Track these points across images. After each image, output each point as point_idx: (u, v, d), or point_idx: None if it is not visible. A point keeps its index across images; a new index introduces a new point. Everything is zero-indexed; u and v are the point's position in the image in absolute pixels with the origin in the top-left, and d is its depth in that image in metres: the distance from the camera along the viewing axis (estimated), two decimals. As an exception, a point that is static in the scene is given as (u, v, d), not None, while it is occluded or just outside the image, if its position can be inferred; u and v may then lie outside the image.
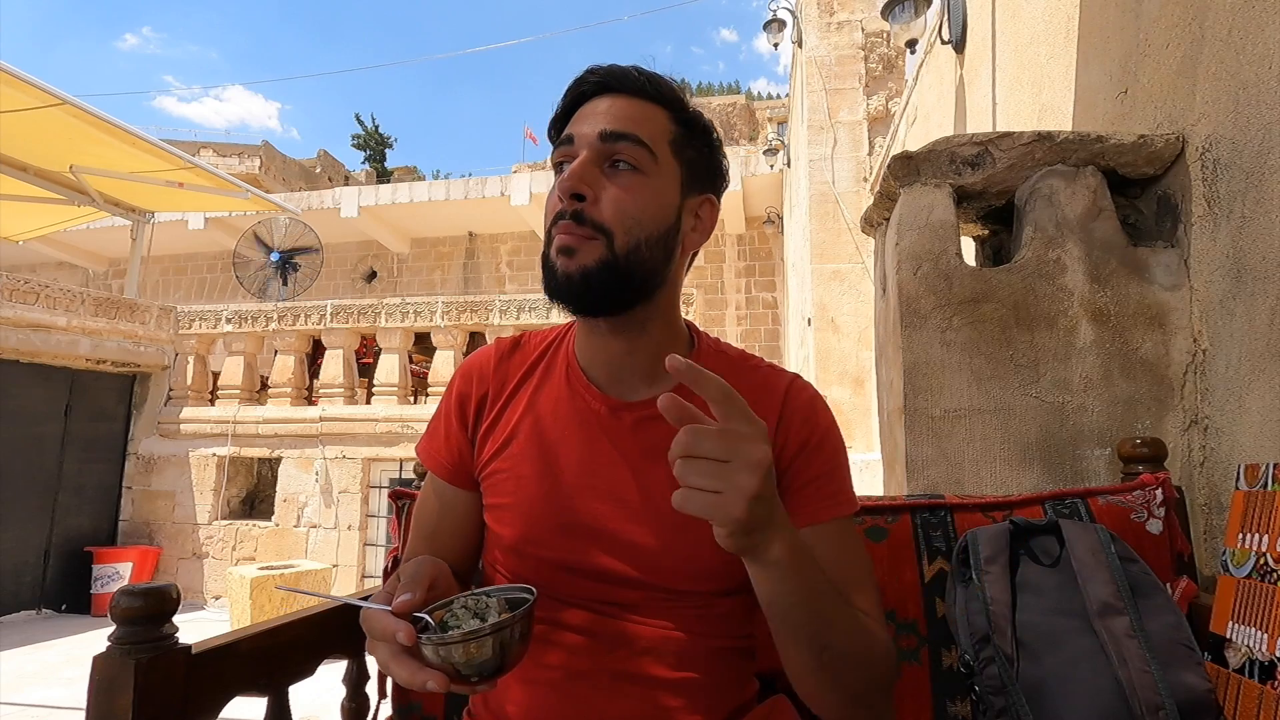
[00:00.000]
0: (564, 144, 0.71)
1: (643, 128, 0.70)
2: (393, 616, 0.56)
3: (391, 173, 23.93)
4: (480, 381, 0.79)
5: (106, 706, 0.64)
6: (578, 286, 0.67)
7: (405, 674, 0.54)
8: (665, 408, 0.51)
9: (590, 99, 0.72)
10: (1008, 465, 1.35)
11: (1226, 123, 1.21)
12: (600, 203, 0.68)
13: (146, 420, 6.72)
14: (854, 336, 5.83)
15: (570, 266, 0.67)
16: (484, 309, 6.31)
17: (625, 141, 0.69)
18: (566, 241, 0.67)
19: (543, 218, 0.75)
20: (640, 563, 0.69)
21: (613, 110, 0.70)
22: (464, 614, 0.58)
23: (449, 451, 0.78)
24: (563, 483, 0.72)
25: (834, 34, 6.60)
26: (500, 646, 0.55)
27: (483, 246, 11.97)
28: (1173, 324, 1.32)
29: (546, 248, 0.71)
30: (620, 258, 0.67)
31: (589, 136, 0.69)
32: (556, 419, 0.75)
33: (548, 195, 0.73)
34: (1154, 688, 0.78)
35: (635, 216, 0.68)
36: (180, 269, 12.55)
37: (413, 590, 0.58)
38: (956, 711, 0.90)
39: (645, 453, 0.72)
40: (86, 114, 5.29)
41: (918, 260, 1.42)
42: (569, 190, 0.67)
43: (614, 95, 0.71)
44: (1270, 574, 0.79)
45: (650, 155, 0.69)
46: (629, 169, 0.69)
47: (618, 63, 0.74)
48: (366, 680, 1.00)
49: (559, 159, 0.72)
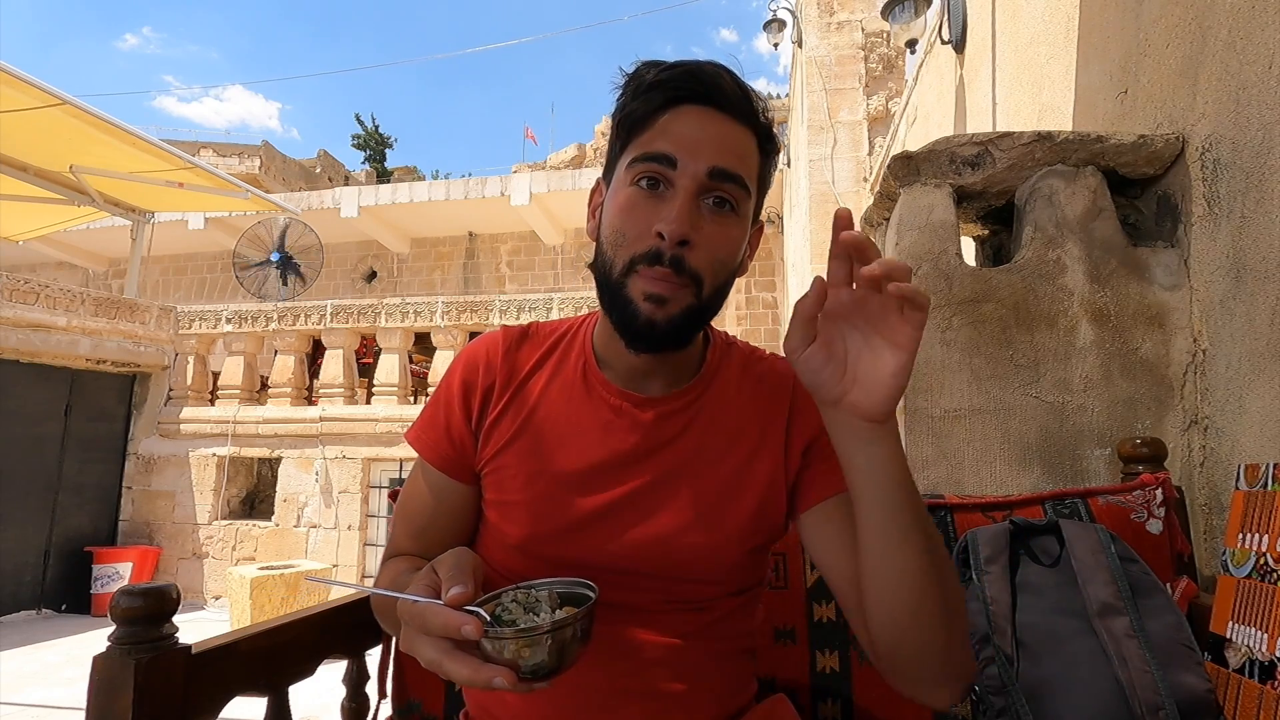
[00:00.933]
0: (658, 161, 0.64)
1: (745, 165, 0.66)
2: (451, 610, 0.52)
3: (391, 173, 23.93)
4: (487, 371, 0.75)
5: (106, 706, 0.64)
6: (661, 335, 0.65)
7: (466, 671, 0.50)
8: (849, 242, 0.50)
9: (681, 104, 0.66)
10: (1008, 465, 1.35)
11: (1227, 123, 1.21)
12: (698, 247, 0.64)
13: (146, 420, 6.72)
14: (854, 336, 5.82)
15: (658, 315, 0.64)
16: (484, 309, 6.30)
17: (732, 183, 0.65)
18: (660, 290, 0.64)
19: (591, 221, 0.72)
20: (656, 560, 0.68)
21: (720, 139, 0.65)
22: (516, 608, 0.55)
23: (450, 443, 0.74)
24: (576, 480, 0.70)
25: (834, 34, 6.60)
26: (561, 645, 0.52)
27: (483, 246, 11.96)
28: (1173, 324, 1.32)
29: (622, 278, 0.65)
30: (704, 302, 0.66)
31: (696, 171, 0.64)
32: (570, 414, 0.72)
33: (618, 203, 0.67)
34: (1154, 688, 0.78)
35: (724, 262, 0.66)
36: (180, 269, 12.54)
37: (463, 582, 0.54)
38: (957, 711, 0.90)
39: (663, 445, 0.71)
40: (86, 114, 5.29)
41: (918, 260, 1.42)
42: (680, 236, 0.62)
43: (713, 111, 0.65)
44: (1270, 574, 0.79)
45: (747, 195, 0.67)
46: (730, 211, 0.66)
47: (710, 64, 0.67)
48: (366, 680, 1.00)
49: (647, 174, 0.65)
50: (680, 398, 0.72)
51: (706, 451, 0.71)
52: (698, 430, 0.72)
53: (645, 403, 0.72)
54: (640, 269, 0.64)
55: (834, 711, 0.92)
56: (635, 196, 0.65)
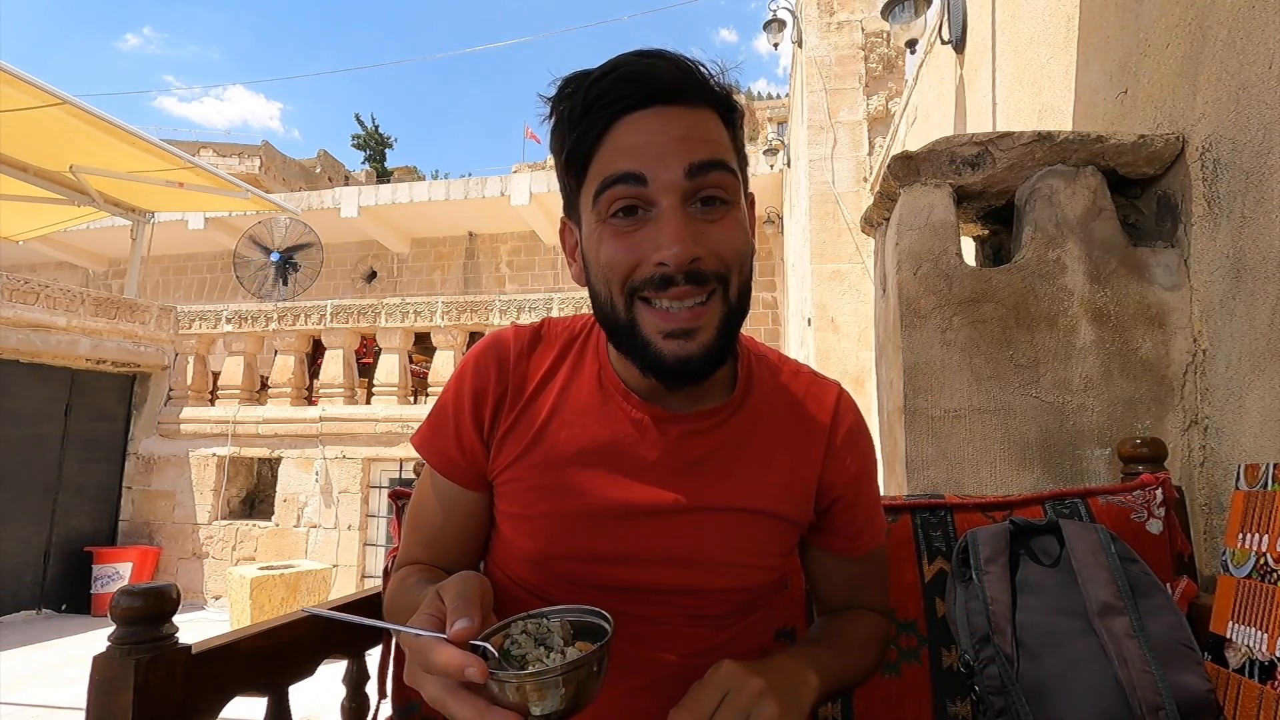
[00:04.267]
0: (625, 182, 0.57)
1: (720, 147, 0.59)
2: (454, 647, 0.48)
3: (391, 173, 23.92)
4: (499, 378, 0.70)
5: (106, 706, 0.64)
6: (695, 367, 0.59)
7: (471, 714, 0.46)
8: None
9: (627, 114, 0.58)
10: (1008, 465, 1.35)
11: (1226, 123, 1.21)
12: (708, 257, 0.58)
13: (146, 420, 6.72)
14: (854, 336, 5.83)
15: (689, 350, 0.58)
16: (484, 309, 6.31)
17: (715, 172, 0.58)
18: (684, 322, 0.58)
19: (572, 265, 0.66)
20: (675, 580, 0.66)
21: (683, 133, 0.57)
22: (526, 640, 0.51)
23: (461, 451, 0.69)
24: (594, 494, 0.66)
25: (834, 34, 6.60)
26: (576, 685, 0.47)
27: (483, 246, 11.96)
28: (1173, 324, 1.32)
29: (629, 314, 0.59)
30: (734, 306, 0.60)
31: (672, 178, 0.57)
32: (588, 426, 0.67)
33: (599, 246, 0.59)
34: (1154, 688, 0.78)
35: (744, 251, 0.60)
36: (180, 269, 12.54)
37: (469, 615, 0.50)
38: (956, 711, 0.90)
39: (687, 465, 0.67)
40: (87, 114, 5.29)
41: (918, 260, 1.42)
42: (686, 257, 0.56)
43: (661, 108, 0.58)
44: (1270, 574, 0.79)
45: (734, 177, 0.60)
46: (723, 204, 0.59)
47: (644, 53, 0.59)
48: (366, 680, 1.00)
49: (620, 203, 0.58)
50: (709, 417, 0.68)
51: (733, 476, 0.67)
52: (725, 453, 0.68)
53: (670, 419, 0.67)
54: (648, 294, 0.58)
55: (833, 711, 0.92)
56: (614, 232, 0.59)
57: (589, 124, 0.59)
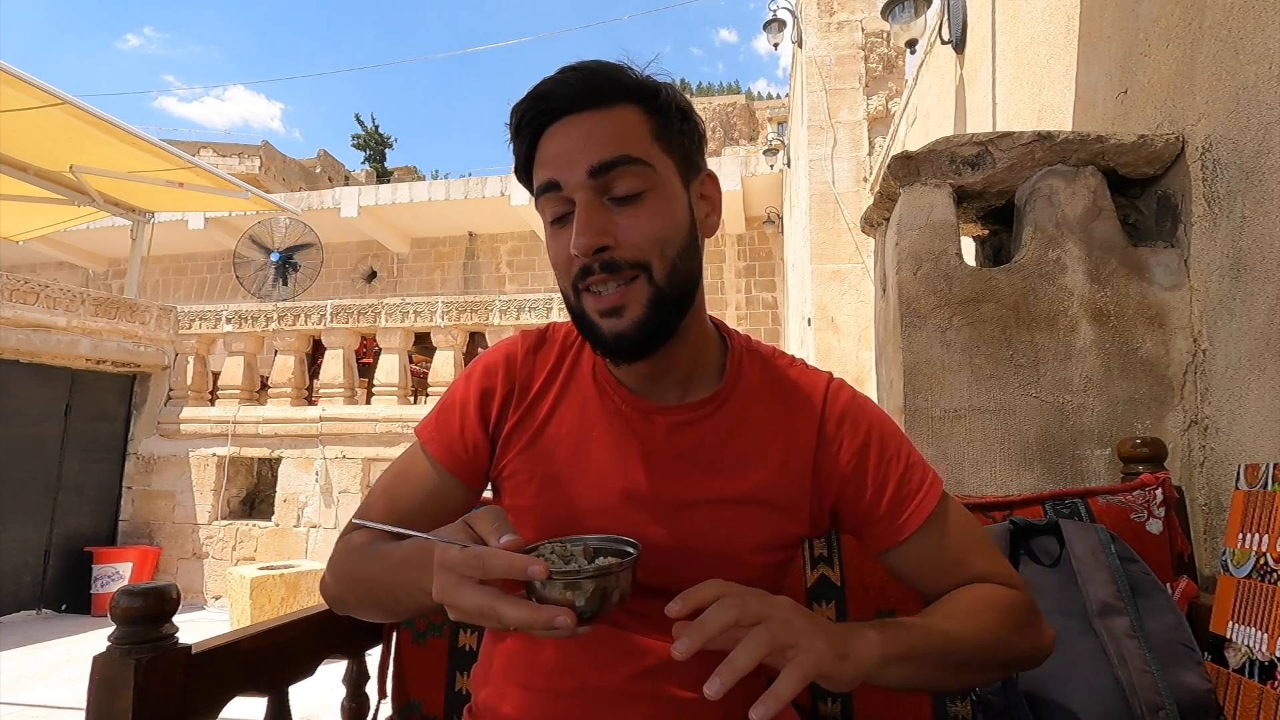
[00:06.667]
0: (547, 192, 0.64)
1: (627, 141, 0.63)
2: (514, 553, 0.52)
3: (391, 173, 23.94)
4: (506, 378, 0.74)
5: (106, 706, 0.64)
6: (630, 342, 0.64)
7: (525, 613, 0.50)
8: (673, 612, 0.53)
9: (550, 126, 0.65)
10: (1008, 465, 1.35)
11: (1226, 122, 1.21)
12: (621, 245, 0.63)
13: (146, 420, 6.72)
14: (854, 336, 5.84)
15: (621, 326, 0.64)
16: (484, 309, 6.30)
17: (618, 167, 0.62)
18: (610, 303, 0.63)
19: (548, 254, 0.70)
20: (669, 570, 0.67)
21: (586, 137, 0.63)
22: (555, 559, 0.55)
23: (465, 446, 0.73)
24: (589, 486, 0.69)
25: (834, 34, 6.60)
26: (606, 590, 0.53)
27: (483, 246, 11.97)
28: (1173, 324, 1.32)
29: (577, 302, 0.66)
30: (664, 287, 0.64)
31: (577, 179, 0.62)
32: (584, 420, 0.72)
33: (550, 247, 0.67)
34: (1154, 688, 0.78)
35: (664, 237, 0.64)
36: (180, 269, 12.54)
37: (513, 532, 0.54)
38: (956, 712, 0.90)
39: (678, 457, 0.69)
40: (87, 114, 5.28)
41: (918, 260, 1.42)
42: (590, 248, 0.62)
43: (570, 118, 0.64)
44: (1270, 574, 0.79)
45: (647, 167, 0.63)
46: (635, 194, 0.63)
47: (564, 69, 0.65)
48: (366, 680, 1.00)
49: (551, 209, 0.65)
50: (698, 409, 0.71)
51: (723, 466, 0.69)
52: (714, 444, 0.70)
53: (658, 411, 0.70)
54: (581, 287, 0.65)
55: (834, 711, 0.92)
56: (553, 234, 0.66)
57: (519, 144, 0.67)
